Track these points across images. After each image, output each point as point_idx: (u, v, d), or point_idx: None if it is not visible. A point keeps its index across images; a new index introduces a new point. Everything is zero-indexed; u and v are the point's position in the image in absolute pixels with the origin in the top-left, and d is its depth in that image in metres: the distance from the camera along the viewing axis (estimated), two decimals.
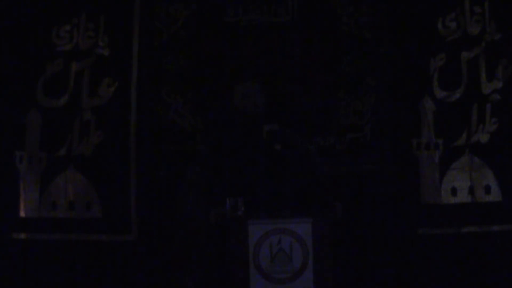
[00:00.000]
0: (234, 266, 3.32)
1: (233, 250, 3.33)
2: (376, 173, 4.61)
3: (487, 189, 4.54)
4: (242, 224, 3.34)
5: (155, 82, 4.78)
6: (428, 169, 4.59)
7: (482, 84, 4.60)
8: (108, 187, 4.69)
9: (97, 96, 4.76)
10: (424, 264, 4.51)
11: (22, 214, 4.69)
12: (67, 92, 4.77)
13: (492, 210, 4.52)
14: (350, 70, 4.69)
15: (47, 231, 4.69)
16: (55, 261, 4.65)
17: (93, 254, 4.65)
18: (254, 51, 4.74)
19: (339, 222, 3.53)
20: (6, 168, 4.72)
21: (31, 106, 4.75)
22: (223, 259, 3.40)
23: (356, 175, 4.61)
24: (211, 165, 3.70)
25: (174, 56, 4.77)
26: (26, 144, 4.74)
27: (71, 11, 4.81)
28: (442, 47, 4.63)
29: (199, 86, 4.76)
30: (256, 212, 3.43)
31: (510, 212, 4.51)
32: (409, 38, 4.65)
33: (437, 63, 4.62)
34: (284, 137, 3.71)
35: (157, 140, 4.73)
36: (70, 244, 4.66)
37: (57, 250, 4.66)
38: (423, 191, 4.58)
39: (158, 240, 4.61)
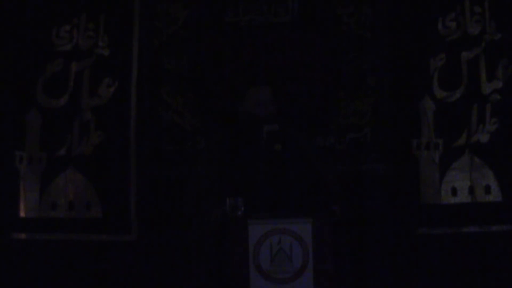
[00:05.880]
0: (234, 266, 3.32)
1: (233, 250, 3.33)
2: (376, 173, 4.60)
3: (487, 189, 4.54)
4: (242, 224, 3.34)
5: (155, 82, 4.78)
6: (428, 169, 4.59)
7: (482, 84, 4.59)
8: (108, 187, 4.69)
9: (97, 96, 4.77)
10: (424, 264, 4.51)
11: (22, 214, 4.70)
12: (67, 92, 4.77)
13: (492, 210, 4.51)
14: (350, 70, 4.69)
15: (47, 231, 4.69)
16: (55, 261, 4.65)
17: (93, 254, 4.65)
18: (254, 51, 4.73)
19: (339, 222, 3.53)
20: (6, 168, 4.72)
21: (31, 106, 4.76)
22: (223, 259, 3.40)
23: (356, 175, 4.60)
24: (211, 165, 3.70)
25: (174, 56, 4.77)
26: (26, 144, 4.74)
27: (71, 11, 4.82)
28: (442, 47, 4.63)
29: (199, 86, 4.75)
30: (256, 212, 3.43)
31: (510, 212, 4.50)
32: (409, 38, 4.64)
33: (437, 63, 4.62)
34: (284, 137, 3.72)
35: (157, 140, 4.73)
36: (70, 244, 4.66)
37: (57, 250, 4.66)
38: (423, 191, 4.58)
39: (158, 240, 4.60)
